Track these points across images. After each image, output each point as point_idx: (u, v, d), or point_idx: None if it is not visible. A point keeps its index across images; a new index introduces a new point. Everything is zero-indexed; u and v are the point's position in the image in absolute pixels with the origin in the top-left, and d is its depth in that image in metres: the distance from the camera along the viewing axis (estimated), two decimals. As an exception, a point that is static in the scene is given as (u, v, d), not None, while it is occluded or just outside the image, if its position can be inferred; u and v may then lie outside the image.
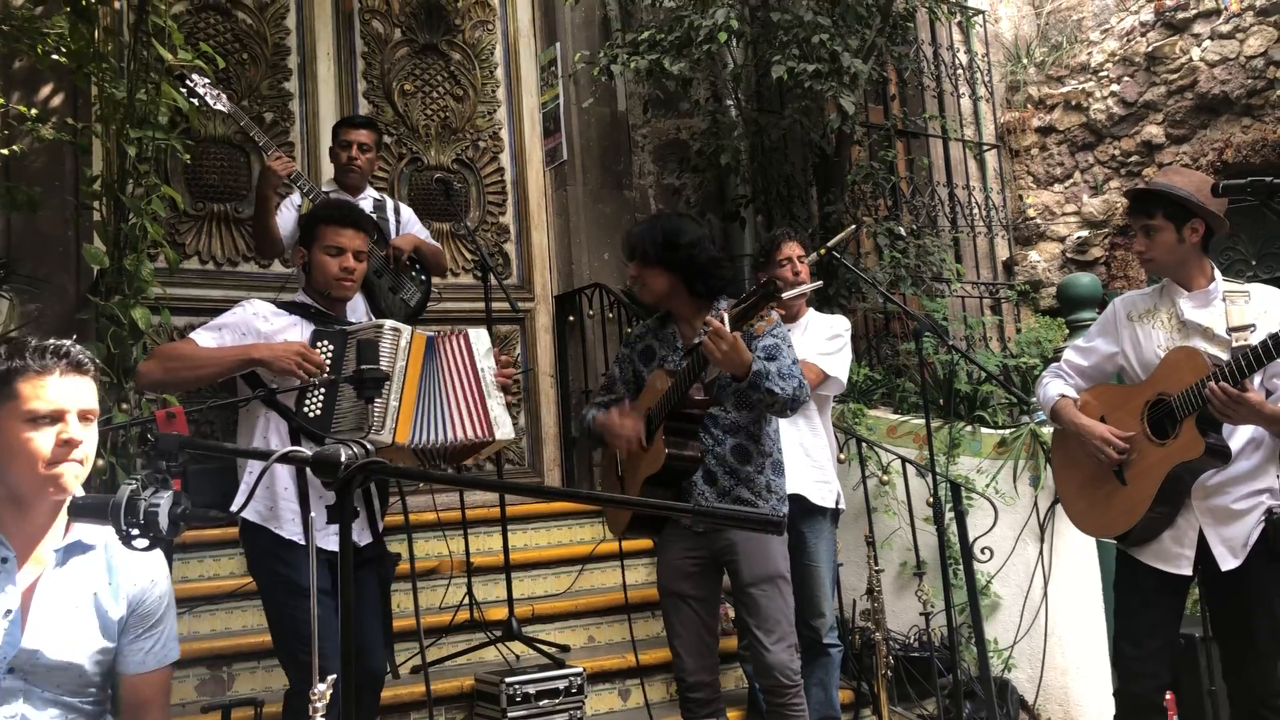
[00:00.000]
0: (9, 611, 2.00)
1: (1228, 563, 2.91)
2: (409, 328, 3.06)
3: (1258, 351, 2.75)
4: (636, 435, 3.19)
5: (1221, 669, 3.12)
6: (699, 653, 3.24)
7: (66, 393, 2.01)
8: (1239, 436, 2.95)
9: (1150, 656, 3.03)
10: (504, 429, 3.10)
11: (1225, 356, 2.88)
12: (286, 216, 4.42)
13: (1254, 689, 2.94)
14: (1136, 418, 3.05)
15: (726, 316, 2.93)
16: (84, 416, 2.04)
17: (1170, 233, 3.02)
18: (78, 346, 2.07)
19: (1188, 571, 2.98)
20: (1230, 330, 2.93)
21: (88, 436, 2.04)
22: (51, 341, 2.03)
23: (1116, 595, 3.17)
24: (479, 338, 3.16)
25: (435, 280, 5.80)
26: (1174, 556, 2.99)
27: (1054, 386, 3.33)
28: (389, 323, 3.01)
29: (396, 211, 4.66)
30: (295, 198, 4.44)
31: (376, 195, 4.69)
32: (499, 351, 3.20)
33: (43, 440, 1.98)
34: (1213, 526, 2.94)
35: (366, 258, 3.17)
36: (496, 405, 3.10)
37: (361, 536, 3.01)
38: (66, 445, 1.99)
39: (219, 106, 4.20)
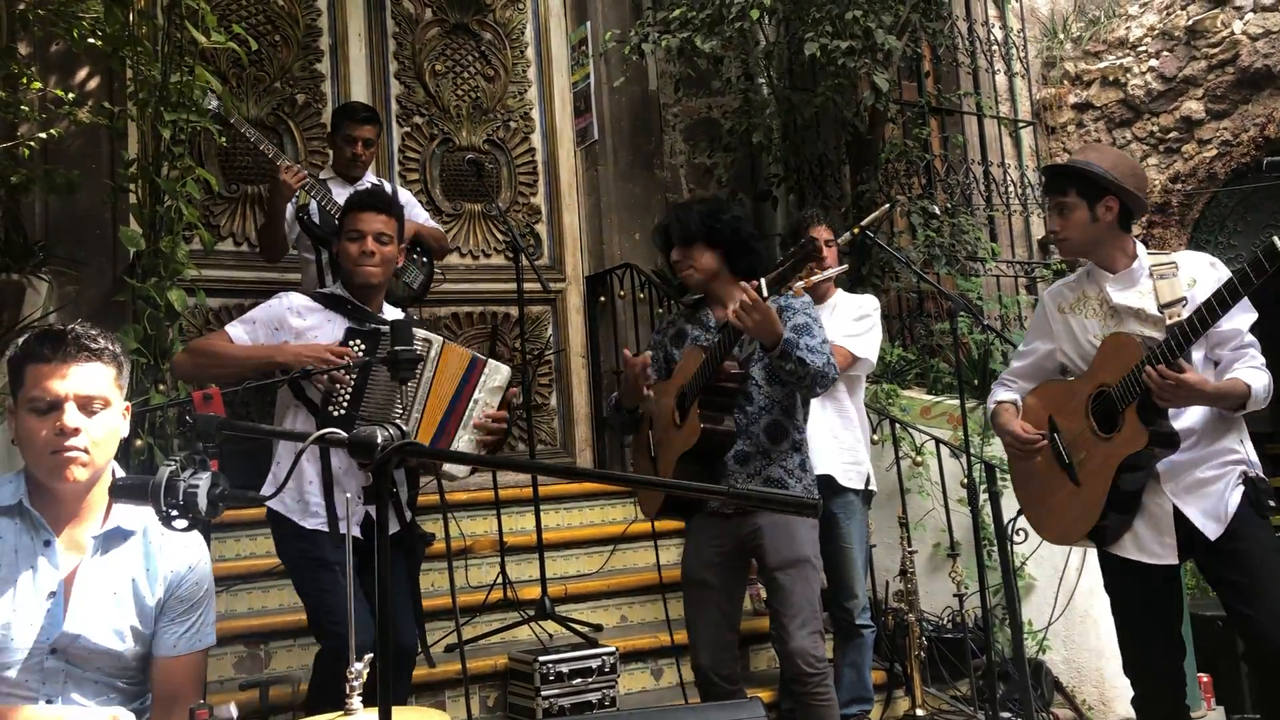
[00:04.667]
0: (52, 593, 2.04)
1: (1213, 531, 2.78)
2: (439, 339, 3.07)
3: (1187, 327, 2.66)
4: (642, 361, 3.19)
5: (1242, 643, 3.01)
6: (716, 646, 3.24)
7: (64, 381, 2.00)
8: (1195, 416, 2.83)
9: (1160, 650, 2.93)
10: (458, 467, 3.11)
11: (1160, 336, 2.76)
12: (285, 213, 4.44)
13: (1273, 655, 2.76)
14: (1082, 413, 2.93)
15: (764, 283, 2.91)
16: (86, 403, 2.02)
17: (1083, 211, 2.92)
18: (91, 332, 2.05)
19: (1173, 560, 2.84)
20: (1162, 308, 2.81)
21: (90, 424, 2.02)
22: (58, 327, 2.04)
23: (1110, 599, 3.03)
24: (495, 371, 3.14)
25: (468, 261, 5.84)
26: (1155, 547, 2.85)
27: (994, 394, 3.25)
28: (421, 332, 3.02)
29: (394, 195, 4.66)
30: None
31: (373, 179, 4.70)
32: (515, 392, 3.20)
33: (42, 429, 2.00)
34: (1188, 502, 2.81)
35: (393, 241, 3.15)
36: (466, 440, 3.08)
37: (390, 524, 3.03)
38: (61, 434, 1.99)
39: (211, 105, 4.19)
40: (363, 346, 2.98)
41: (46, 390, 1.99)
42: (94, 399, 2.03)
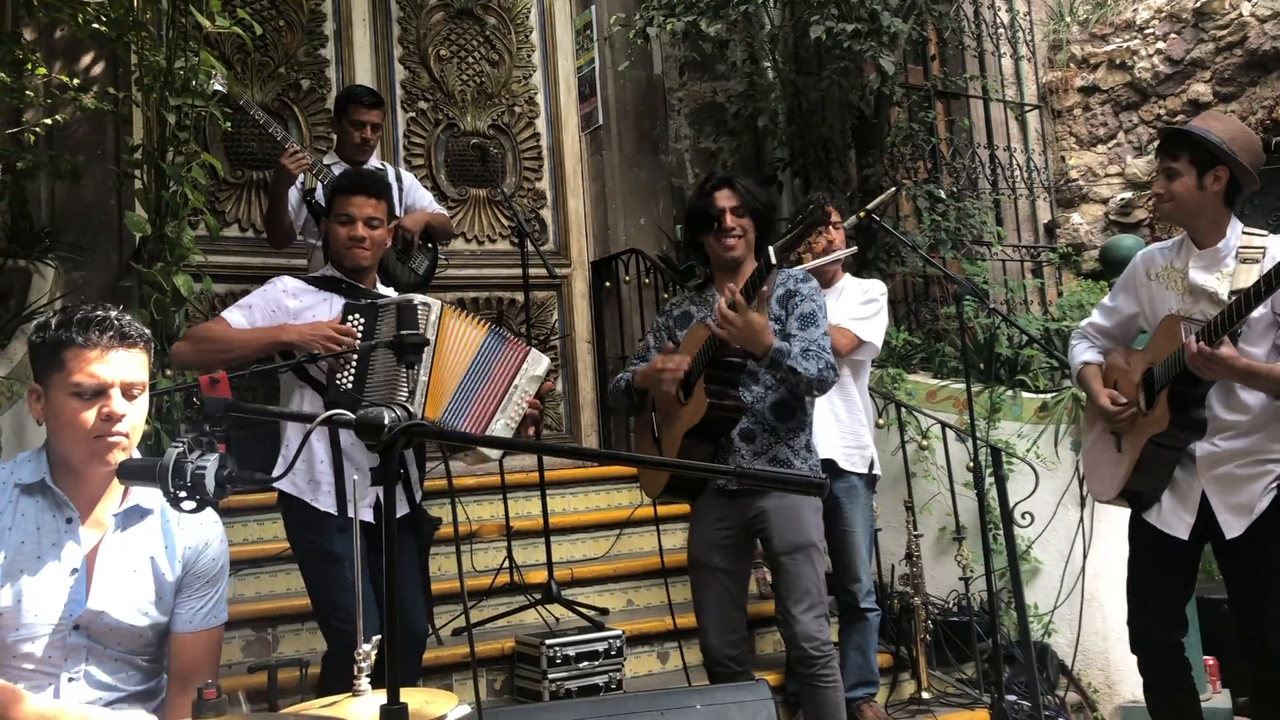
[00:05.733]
0: (75, 570, 2.06)
1: (1232, 530, 2.86)
2: (438, 302, 3.06)
3: (1233, 308, 2.70)
4: (679, 367, 3.12)
5: (1239, 640, 3.05)
6: (724, 627, 3.25)
7: (109, 368, 2.02)
8: (1247, 408, 2.86)
9: (1159, 614, 3.04)
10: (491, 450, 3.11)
11: None
12: (289, 195, 4.43)
13: (1270, 661, 2.86)
14: (1136, 386, 3.03)
15: (772, 251, 2.89)
16: (129, 390, 2.05)
17: (1190, 178, 2.91)
18: (126, 318, 2.07)
19: (1184, 536, 2.94)
20: (1233, 294, 2.83)
21: (133, 410, 2.06)
22: (99, 313, 2.03)
23: (1129, 557, 3.16)
24: (536, 361, 3.15)
25: (473, 247, 5.84)
26: (1172, 519, 2.96)
27: (1078, 351, 3.30)
28: (419, 297, 3.01)
29: (398, 179, 4.64)
30: (299, 177, 4.44)
31: (378, 164, 4.68)
32: (551, 383, 3.18)
33: (86, 414, 2.01)
34: (1217, 494, 2.89)
35: (383, 224, 3.14)
36: (501, 426, 3.09)
37: (399, 507, 3.03)
38: (108, 420, 2.01)
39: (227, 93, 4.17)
40: (362, 320, 2.98)
41: (92, 376, 2.00)
42: (134, 385, 2.06)
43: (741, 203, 3.20)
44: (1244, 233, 2.95)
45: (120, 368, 2.03)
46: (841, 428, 3.95)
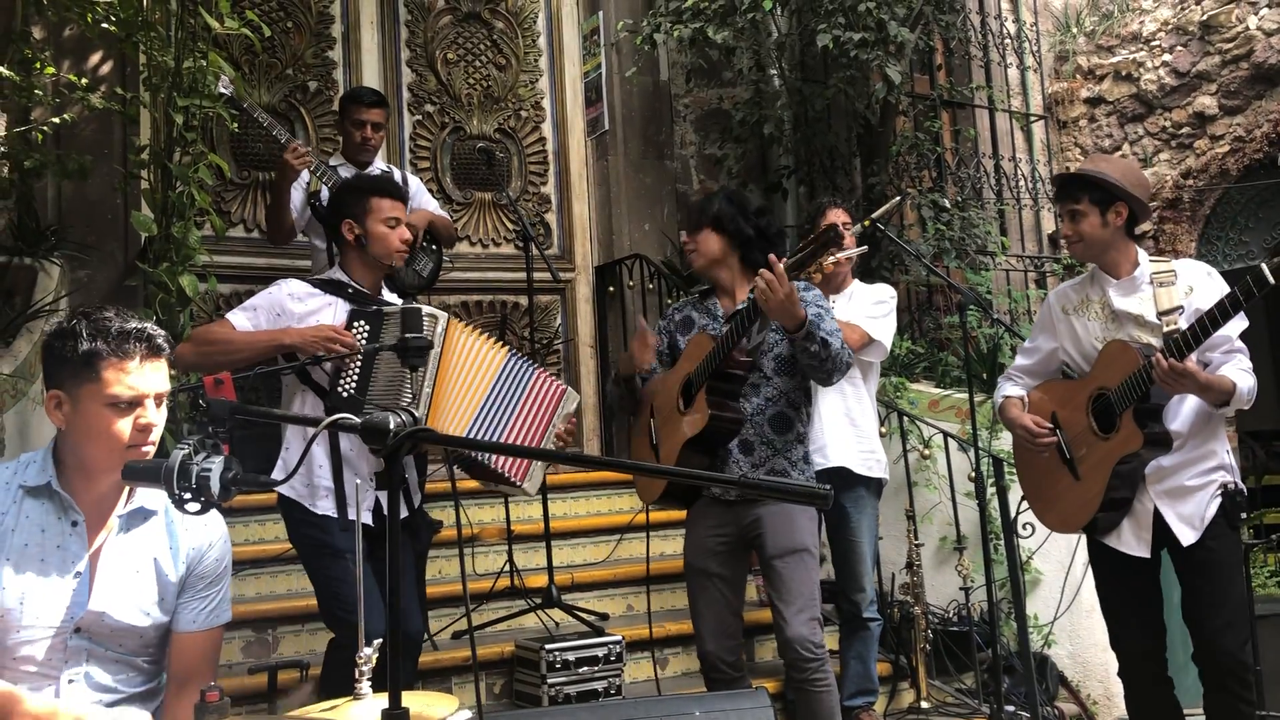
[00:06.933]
0: (78, 574, 2.07)
1: (1187, 538, 2.99)
2: (445, 315, 3.07)
3: (1189, 335, 2.83)
4: (655, 339, 3.29)
5: (1192, 649, 3.11)
6: (721, 633, 3.25)
7: (146, 379, 2.06)
8: (1183, 420, 3.02)
9: (1137, 629, 3.13)
10: (532, 484, 3.18)
11: (1157, 342, 2.94)
12: (294, 197, 4.44)
13: (1222, 661, 2.96)
14: (1083, 412, 3.12)
15: (782, 267, 2.91)
16: (158, 400, 2.09)
17: (1095, 217, 3.08)
18: (155, 328, 2.11)
19: (1146, 554, 3.06)
20: (1160, 315, 2.99)
21: (161, 418, 2.10)
22: (132, 325, 2.07)
23: (1096, 585, 3.28)
24: (570, 399, 3.23)
25: (477, 250, 5.85)
26: (1131, 539, 3.08)
27: (1001, 389, 3.44)
28: (426, 308, 3.02)
29: (404, 183, 4.65)
30: (304, 175, 4.44)
31: (383, 166, 4.70)
32: (572, 417, 3.27)
33: (122, 425, 2.04)
34: (1169, 506, 3.01)
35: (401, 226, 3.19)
36: (539, 465, 3.20)
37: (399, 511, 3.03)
38: (144, 431, 2.06)
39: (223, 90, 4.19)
40: (367, 328, 2.98)
41: (131, 388, 2.04)
42: (163, 395, 2.11)
43: (698, 223, 3.29)
44: (1151, 260, 3.14)
45: (154, 379, 2.08)
46: (857, 431, 3.94)
